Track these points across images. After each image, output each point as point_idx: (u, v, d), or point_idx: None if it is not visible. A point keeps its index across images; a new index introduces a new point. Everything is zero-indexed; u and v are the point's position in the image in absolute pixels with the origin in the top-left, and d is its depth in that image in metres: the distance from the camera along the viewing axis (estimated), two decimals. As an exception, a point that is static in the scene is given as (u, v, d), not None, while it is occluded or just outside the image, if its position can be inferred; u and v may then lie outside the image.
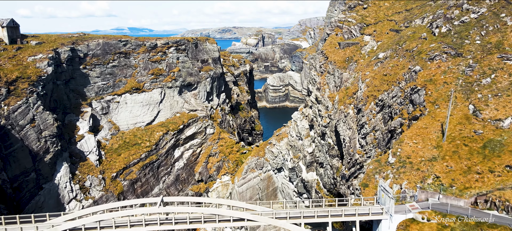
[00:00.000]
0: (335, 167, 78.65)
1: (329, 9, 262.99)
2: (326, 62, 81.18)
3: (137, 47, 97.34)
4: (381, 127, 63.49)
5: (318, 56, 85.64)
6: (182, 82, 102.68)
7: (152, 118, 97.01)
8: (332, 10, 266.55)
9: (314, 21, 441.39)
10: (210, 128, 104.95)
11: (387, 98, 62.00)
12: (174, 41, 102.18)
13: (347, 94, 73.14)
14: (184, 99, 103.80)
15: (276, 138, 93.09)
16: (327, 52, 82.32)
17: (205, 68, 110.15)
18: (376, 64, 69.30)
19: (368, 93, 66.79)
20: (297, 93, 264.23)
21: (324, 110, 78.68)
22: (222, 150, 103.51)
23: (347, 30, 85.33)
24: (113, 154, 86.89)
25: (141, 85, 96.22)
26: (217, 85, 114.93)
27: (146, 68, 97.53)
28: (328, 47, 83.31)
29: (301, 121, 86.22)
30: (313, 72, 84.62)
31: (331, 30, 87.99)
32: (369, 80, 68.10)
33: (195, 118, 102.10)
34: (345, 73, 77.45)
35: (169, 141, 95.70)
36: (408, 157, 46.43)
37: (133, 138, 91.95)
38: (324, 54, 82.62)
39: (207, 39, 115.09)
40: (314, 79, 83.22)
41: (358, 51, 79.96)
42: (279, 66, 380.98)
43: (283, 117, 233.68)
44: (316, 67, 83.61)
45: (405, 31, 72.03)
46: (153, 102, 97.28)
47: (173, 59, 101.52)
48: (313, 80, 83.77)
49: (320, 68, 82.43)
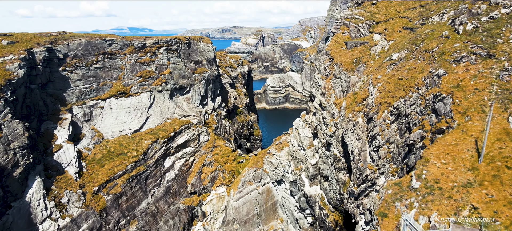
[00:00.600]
0: (341, 182, 70.32)
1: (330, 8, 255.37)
2: (331, 64, 72.86)
3: (124, 47, 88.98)
4: (397, 139, 55.14)
5: (322, 58, 77.38)
6: (174, 85, 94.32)
7: (140, 125, 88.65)
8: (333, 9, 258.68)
9: (315, 21, 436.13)
10: (204, 134, 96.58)
11: (403, 106, 53.69)
12: (165, 41, 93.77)
13: (355, 100, 64.82)
14: (175, 104, 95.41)
15: (275, 147, 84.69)
16: (332, 53, 74.00)
17: (199, 69, 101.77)
18: (389, 67, 60.98)
19: (381, 100, 58.50)
20: (298, 94, 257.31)
21: (329, 118, 70.42)
22: (217, 159, 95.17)
23: (355, 28, 76.99)
24: (95, 165, 78.50)
25: (128, 88, 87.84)
26: (212, 88, 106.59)
27: (133, 70, 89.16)
28: (334, 48, 74.99)
29: (304, 129, 77.83)
30: (316, 75, 76.27)
31: (336, 29, 79.62)
32: (381, 85, 59.78)
33: (187, 124, 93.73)
34: (353, 76, 69.12)
35: (158, 150, 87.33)
36: (436, 181, 38.14)
37: (118, 146, 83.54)
38: (329, 55, 74.28)
39: (201, 39, 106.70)
40: (318, 83, 74.89)
41: (367, 51, 71.61)
42: (279, 67, 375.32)
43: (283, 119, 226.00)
44: (320, 70, 75.24)
45: (421, 29, 63.79)
46: (141, 107, 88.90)
47: (163, 60, 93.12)
48: (316, 84, 75.44)
49: (324, 70, 74.10)
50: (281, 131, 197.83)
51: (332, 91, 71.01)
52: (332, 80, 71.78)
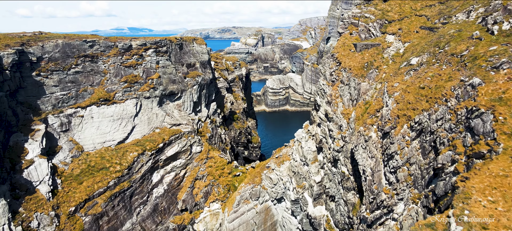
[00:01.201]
0: (350, 203, 61.65)
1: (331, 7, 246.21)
2: (338, 69, 64.16)
3: (107, 49, 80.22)
4: (419, 160, 46.44)
5: (327, 61, 68.71)
6: (163, 91, 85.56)
7: (125, 135, 79.92)
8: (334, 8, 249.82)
9: (315, 21, 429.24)
10: (197, 145, 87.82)
11: (427, 121, 45.01)
12: (153, 42, 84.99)
13: (367, 111, 56.12)
14: (165, 111, 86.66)
15: (275, 160, 75.93)
16: (339, 56, 65.31)
17: (192, 73, 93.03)
18: (408, 73, 52.32)
19: (399, 112, 49.87)
20: (298, 96, 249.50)
21: (336, 131, 61.79)
22: (211, 171, 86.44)
23: (364, 28, 68.32)
24: (72, 182, 69.78)
25: (112, 95, 79.07)
26: (206, 93, 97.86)
27: (118, 75, 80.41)
28: (341, 50, 66.30)
29: (307, 141, 69.08)
30: (321, 81, 67.53)
31: (343, 29, 70.89)
32: (399, 95, 51.12)
33: (178, 133, 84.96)
34: (363, 83, 60.43)
35: (145, 163, 78.59)
36: (483, 226, 29.65)
37: (100, 160, 74.81)
38: (336, 58, 65.59)
39: (194, 40, 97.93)
40: (323, 90, 66.18)
41: (380, 54, 62.93)
42: (279, 67, 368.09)
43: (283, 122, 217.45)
44: (326, 75, 66.54)
45: (444, 29, 55.20)
46: (127, 116, 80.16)
47: (151, 63, 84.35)
48: (321, 92, 66.75)
49: (330, 76, 65.42)
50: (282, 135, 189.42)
51: (340, 100, 62.27)
52: (339, 87, 63.05)
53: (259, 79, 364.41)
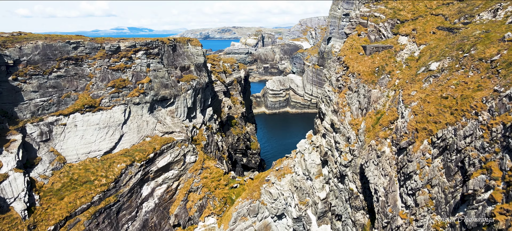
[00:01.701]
0: (359, 224, 55.26)
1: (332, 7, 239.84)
2: (346, 74, 57.74)
3: (93, 51, 73.81)
4: (443, 182, 40.04)
5: (333, 65, 62.28)
6: (154, 96, 79.15)
7: (112, 145, 73.52)
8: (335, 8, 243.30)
9: (315, 21, 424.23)
10: (191, 154, 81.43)
11: (453, 137, 38.65)
12: (143, 43, 78.57)
13: (379, 123, 49.73)
14: (156, 118, 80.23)
15: (275, 173, 69.49)
16: (347, 60, 58.90)
17: (186, 77, 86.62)
18: (427, 80, 45.96)
19: (417, 125, 43.51)
20: (299, 98, 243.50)
21: (343, 143, 55.40)
22: (206, 183, 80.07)
23: (374, 28, 61.92)
24: (52, 198, 63.39)
25: (98, 101, 72.67)
26: (202, 98, 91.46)
27: (104, 79, 74.01)
28: (348, 53, 59.89)
29: (310, 153, 62.65)
30: (327, 87, 61.06)
31: (351, 29, 64.42)
32: (417, 105, 44.76)
33: (171, 142, 78.57)
34: (374, 90, 54.02)
35: (134, 175, 72.21)
36: None
37: (84, 173, 68.43)
38: (343, 62, 59.18)
39: (189, 40, 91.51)
40: (328, 98, 59.74)
41: (392, 58, 56.53)
42: (279, 68, 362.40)
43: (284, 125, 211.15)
44: (332, 81, 60.10)
45: (467, 30, 48.82)
46: (114, 124, 73.76)
47: (142, 66, 77.96)
48: (327, 99, 60.31)
49: (337, 82, 58.99)
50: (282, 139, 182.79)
51: (347, 109, 55.81)
52: (347, 94, 56.58)
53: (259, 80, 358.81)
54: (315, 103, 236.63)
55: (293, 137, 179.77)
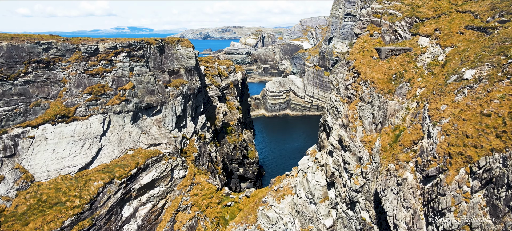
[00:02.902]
0: (373, 260, 46.69)
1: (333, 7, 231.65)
2: (356, 82, 49.03)
3: (67, 53, 65.13)
4: (487, 225, 31.22)
5: (341, 71, 53.55)
6: (138, 104, 70.44)
7: (89, 160, 64.82)
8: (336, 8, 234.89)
9: (316, 21, 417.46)
10: (180, 168, 72.74)
11: (501, 166, 30.10)
12: (126, 44, 69.83)
13: (400, 143, 41.05)
14: (140, 129, 71.52)
15: (273, 194, 60.72)
16: (357, 65, 50.20)
17: (175, 82, 77.90)
18: (460, 92, 37.30)
19: (451, 149, 34.89)
20: (299, 100, 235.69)
21: (354, 163, 46.80)
22: (196, 201, 71.37)
23: (389, 28, 53.20)
24: (15, 224, 54.69)
25: (72, 110, 63.96)
26: (193, 104, 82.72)
27: (80, 85, 65.29)
28: (359, 56, 51.17)
29: (314, 173, 53.92)
30: (334, 97, 52.27)
31: (361, 29, 55.66)
32: (448, 123, 36.11)
33: (156, 156, 69.87)
34: (391, 101, 45.33)
35: (113, 194, 63.51)
36: None
37: (54, 193, 59.71)
38: (353, 67, 50.45)
39: (179, 41, 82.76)
40: (335, 109, 51.03)
41: (412, 63, 47.83)
42: (279, 68, 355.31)
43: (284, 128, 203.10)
44: (340, 89, 51.33)
45: (506, 30, 40.19)
46: (91, 135, 65.05)
47: (124, 70, 69.24)
48: (334, 111, 51.58)
49: (346, 90, 50.28)
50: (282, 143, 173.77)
51: (359, 123, 47.02)
52: (358, 106, 47.77)
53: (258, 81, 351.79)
54: (316, 105, 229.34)
55: (294, 141, 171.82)
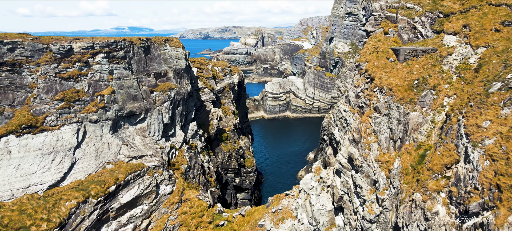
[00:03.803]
0: None
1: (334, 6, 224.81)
2: (370, 89, 41.05)
3: (36, 54, 57.08)
4: None
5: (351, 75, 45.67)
6: (119, 111, 62.38)
7: (60, 176, 56.74)
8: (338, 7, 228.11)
9: (316, 20, 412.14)
10: (167, 183, 64.71)
11: None
12: (105, 44, 61.75)
13: (429, 167, 33.10)
14: (122, 139, 63.46)
15: (271, 217, 52.64)
16: (370, 68, 42.21)
17: (162, 86, 69.88)
18: (508, 104, 29.44)
19: (499, 179, 26.89)
20: (300, 102, 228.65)
21: (367, 187, 38.83)
22: (185, 221, 63.34)
23: (407, 24, 45.21)
24: (-32, 254, 46.72)
25: (41, 119, 55.89)
26: (183, 110, 74.69)
27: (51, 90, 57.25)
28: (373, 58, 43.17)
29: (319, 196, 45.85)
30: (342, 106, 44.22)
31: (373, 26, 47.62)
32: (494, 144, 28.16)
33: (139, 170, 61.83)
34: (413, 113, 37.36)
35: (88, 216, 55.43)
36: None
37: (18, 215, 51.64)
38: (366, 71, 42.46)
39: (167, 41, 74.67)
40: (345, 121, 42.97)
41: (437, 66, 39.87)
42: (279, 69, 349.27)
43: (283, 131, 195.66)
44: (349, 97, 43.29)
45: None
46: (63, 148, 56.99)
47: (102, 73, 61.18)
48: (342, 122, 43.52)
49: (357, 98, 42.28)
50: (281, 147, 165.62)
51: (374, 139, 38.88)
52: (372, 118, 39.63)
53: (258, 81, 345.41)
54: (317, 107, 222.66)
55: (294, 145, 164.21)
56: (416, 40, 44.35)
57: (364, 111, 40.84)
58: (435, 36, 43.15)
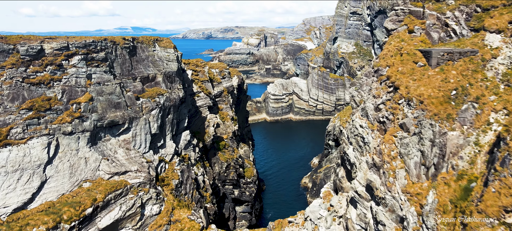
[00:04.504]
0: None
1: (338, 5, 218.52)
2: (394, 100, 33.07)
3: (1, 56, 49.44)
4: None
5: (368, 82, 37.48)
6: (98, 121, 54.62)
7: (28, 197, 49.05)
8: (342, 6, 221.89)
9: (319, 20, 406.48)
10: (154, 202, 56.92)
11: None
12: (82, 44, 54.00)
13: (480, 208, 25.19)
14: (102, 153, 55.68)
15: (272, 249, 44.79)
16: (394, 75, 34.17)
17: (150, 91, 62.11)
18: None
19: None
20: (303, 104, 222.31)
21: (392, 224, 30.81)
22: (174, 245, 55.48)
23: (437, 21, 37.16)
24: None
25: (4, 132, 48.18)
26: (175, 118, 66.89)
27: (17, 98, 49.57)
28: (396, 62, 35.14)
29: (329, 228, 37.75)
30: (357, 120, 36.14)
31: (395, 23, 39.52)
32: None
33: (121, 188, 54.06)
34: (452, 133, 29.27)
35: (60, 243, 47.60)
36: None
37: (-26, 246, 44.02)
38: (388, 78, 34.44)
39: (156, 40, 66.88)
40: (361, 139, 34.91)
41: (479, 72, 31.79)
42: (282, 69, 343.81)
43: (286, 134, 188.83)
44: (367, 109, 35.18)
45: None
46: (31, 165, 49.31)
47: (78, 78, 53.46)
48: (358, 140, 35.46)
49: (377, 111, 34.29)
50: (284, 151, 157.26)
51: (400, 164, 30.79)
52: (398, 138, 31.51)
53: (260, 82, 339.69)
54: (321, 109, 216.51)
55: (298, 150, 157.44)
56: (449, 40, 36.45)
57: (387, 129, 32.87)
58: (473, 35, 35.27)
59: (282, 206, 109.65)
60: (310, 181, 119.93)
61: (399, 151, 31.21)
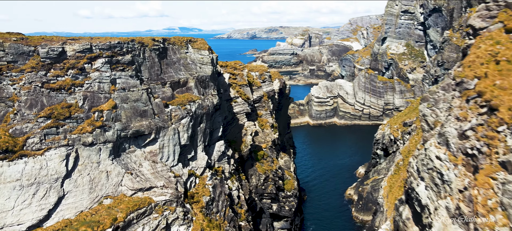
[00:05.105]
0: None
1: (388, 3, 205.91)
2: (491, 125, 24.00)
3: (21, 59, 45.52)
4: None
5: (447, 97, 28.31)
6: (122, 131, 49.36)
7: (44, 214, 44.67)
8: (392, 4, 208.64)
9: (367, 20, 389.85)
10: (181, 223, 50.80)
11: None
12: (106, 46, 48.98)
13: None
14: (125, 166, 50.40)
15: None
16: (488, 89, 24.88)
17: (180, 98, 56.15)
18: None
19: None
20: (349, 107, 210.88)
21: None
22: (201, 273, 49.01)
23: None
24: None
25: (20, 142, 44.09)
26: (208, 127, 60.56)
27: (35, 105, 45.39)
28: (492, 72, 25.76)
29: None
30: (434, 149, 26.97)
31: (485, 20, 29.93)
32: None
33: (145, 206, 48.42)
34: None
35: (75, 268, 42.71)
36: None
37: (-16, 267, 40.12)
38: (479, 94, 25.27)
39: (189, 42, 60.88)
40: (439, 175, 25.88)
41: None
42: (326, 71, 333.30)
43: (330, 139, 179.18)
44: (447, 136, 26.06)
45: None
46: (48, 178, 44.89)
47: (102, 83, 48.52)
48: (433, 176, 26.37)
49: (463, 140, 25.24)
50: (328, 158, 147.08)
51: (503, 220, 21.57)
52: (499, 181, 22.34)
53: (304, 84, 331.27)
54: (368, 114, 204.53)
55: (342, 157, 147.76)
56: None
57: (478, 165, 23.75)
58: None
59: (325, 221, 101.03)
60: (356, 193, 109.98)
61: (500, 201, 22.02)
